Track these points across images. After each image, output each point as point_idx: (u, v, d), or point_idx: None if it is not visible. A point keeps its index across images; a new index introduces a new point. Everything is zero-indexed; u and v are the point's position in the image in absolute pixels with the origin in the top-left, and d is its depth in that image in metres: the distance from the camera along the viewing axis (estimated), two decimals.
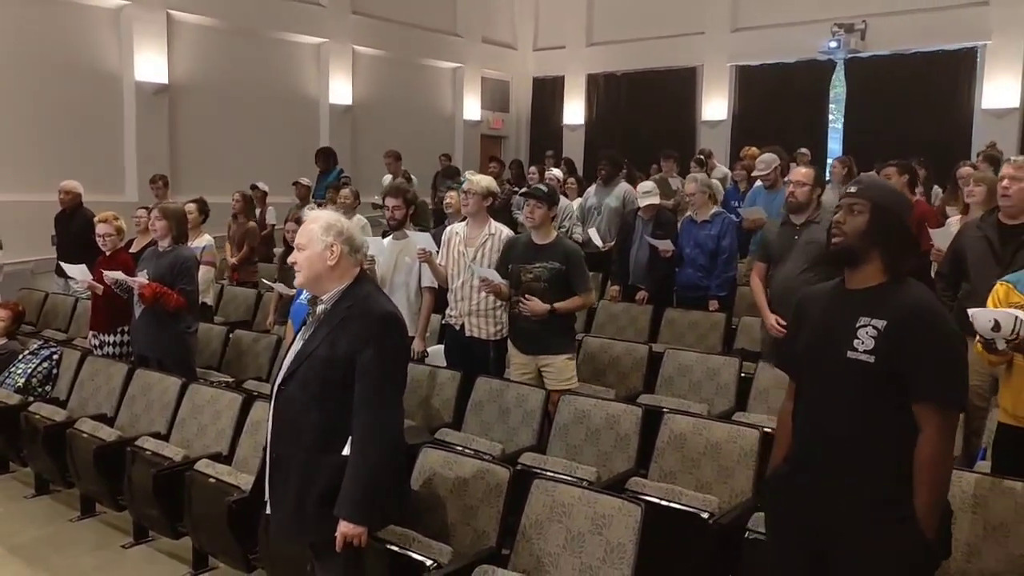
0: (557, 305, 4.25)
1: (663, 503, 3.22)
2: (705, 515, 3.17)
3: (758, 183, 7.51)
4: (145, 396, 4.59)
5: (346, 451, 2.58)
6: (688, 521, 3.17)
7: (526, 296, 4.26)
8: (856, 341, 2.23)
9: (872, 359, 2.20)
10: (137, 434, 4.25)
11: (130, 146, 10.20)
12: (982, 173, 4.78)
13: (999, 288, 3.23)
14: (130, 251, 5.81)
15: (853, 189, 2.35)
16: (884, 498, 2.21)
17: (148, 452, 3.99)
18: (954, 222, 5.16)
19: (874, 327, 2.22)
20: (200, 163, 10.72)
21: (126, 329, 5.30)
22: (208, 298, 6.48)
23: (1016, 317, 2.79)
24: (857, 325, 2.24)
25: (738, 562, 3.10)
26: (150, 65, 10.22)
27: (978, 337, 2.95)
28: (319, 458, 2.59)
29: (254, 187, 9.10)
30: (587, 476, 3.53)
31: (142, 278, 4.87)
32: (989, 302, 3.23)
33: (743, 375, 4.65)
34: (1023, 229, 3.75)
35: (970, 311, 2.95)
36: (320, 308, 2.68)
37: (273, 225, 9.17)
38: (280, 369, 2.75)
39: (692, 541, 3.17)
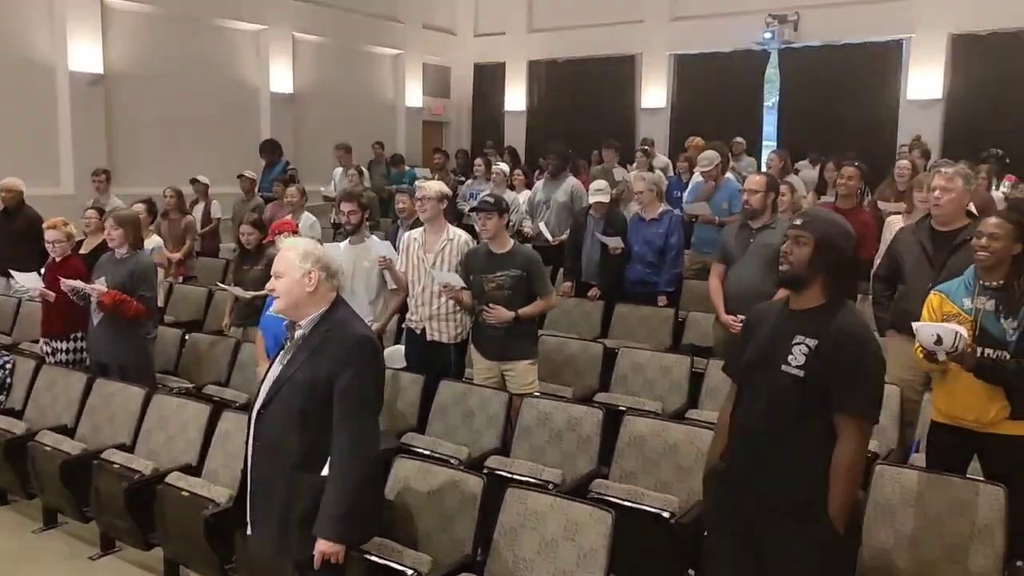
0: (521, 311, 4.40)
1: (628, 505, 3.39)
2: (667, 515, 3.35)
3: (699, 177, 7.77)
4: (107, 407, 4.58)
5: (326, 471, 2.69)
6: (651, 521, 3.35)
7: (490, 305, 4.38)
8: (790, 356, 2.52)
9: (802, 373, 2.49)
10: (101, 446, 4.25)
11: (65, 138, 9.92)
12: (932, 178, 5.06)
13: (933, 298, 3.48)
14: (80, 252, 5.75)
15: (799, 222, 2.62)
16: (804, 498, 2.50)
17: (116, 465, 4.00)
18: (895, 220, 5.44)
19: (807, 345, 2.51)
20: (138, 155, 10.49)
21: (80, 335, 5.25)
22: (159, 299, 6.42)
23: (957, 332, 3.04)
24: (793, 342, 2.53)
25: (699, 558, 3.31)
26: (85, 54, 9.93)
27: (919, 346, 3.20)
28: (301, 479, 2.69)
29: (195, 181, 8.98)
30: (553, 478, 3.70)
31: (100, 285, 4.85)
32: (924, 310, 3.49)
33: (694, 370, 4.87)
34: (954, 235, 4.02)
35: (915, 325, 3.20)
36: (299, 333, 2.76)
37: (219, 219, 9.07)
38: (259, 392, 2.83)
39: (655, 540, 3.36)
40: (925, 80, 11.79)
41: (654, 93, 14.20)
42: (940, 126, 11.66)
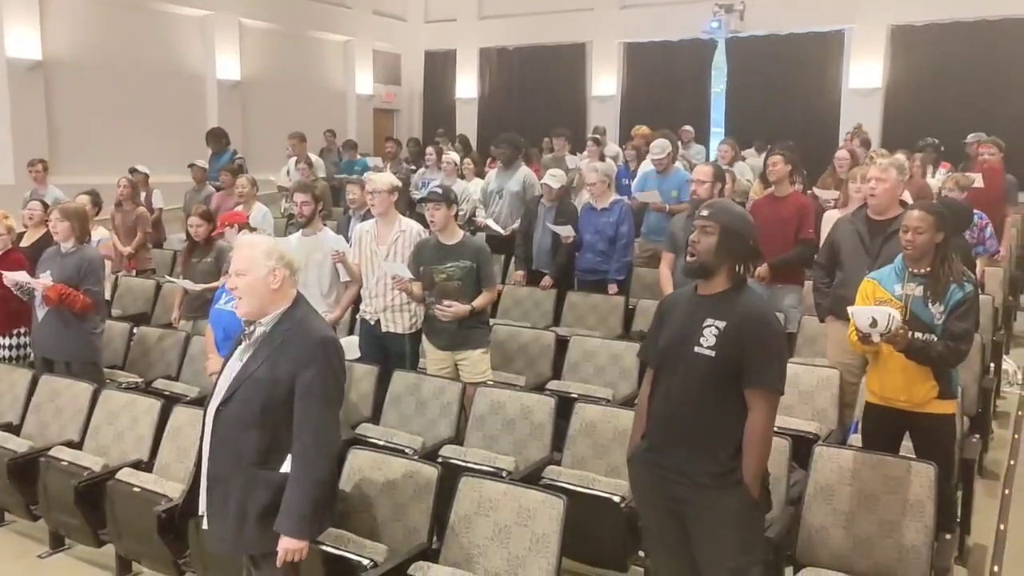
0: (475, 303, 4.46)
1: (579, 490, 3.47)
2: (617, 499, 3.44)
3: (650, 166, 7.88)
4: (53, 403, 4.51)
5: (285, 468, 2.71)
6: (602, 506, 3.44)
7: (445, 302, 4.42)
8: (702, 339, 2.70)
9: (713, 354, 2.67)
10: (49, 443, 4.19)
11: (3, 126, 9.68)
12: (864, 169, 5.21)
13: (866, 284, 3.63)
14: (21, 245, 5.63)
15: (705, 213, 2.80)
16: (724, 469, 2.68)
17: (64, 462, 3.96)
18: (832, 215, 5.61)
19: (716, 327, 2.69)
20: (81, 143, 10.27)
21: (23, 331, 5.16)
22: (106, 292, 6.32)
23: (890, 314, 3.19)
24: (703, 325, 2.71)
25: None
26: (22, 40, 9.67)
27: (854, 329, 3.34)
28: (259, 475, 2.70)
29: (133, 170, 8.77)
30: (506, 466, 3.77)
31: (46, 279, 4.77)
32: (859, 296, 3.63)
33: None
34: (889, 224, 4.17)
35: (850, 309, 3.34)
36: (260, 330, 2.77)
37: (161, 209, 8.91)
38: (215, 390, 2.84)
39: (606, 524, 3.45)
40: (866, 70, 12.12)
41: (605, 81, 14.32)
42: (880, 115, 12.01)
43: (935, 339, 3.36)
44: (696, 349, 2.68)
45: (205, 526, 2.83)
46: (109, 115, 10.59)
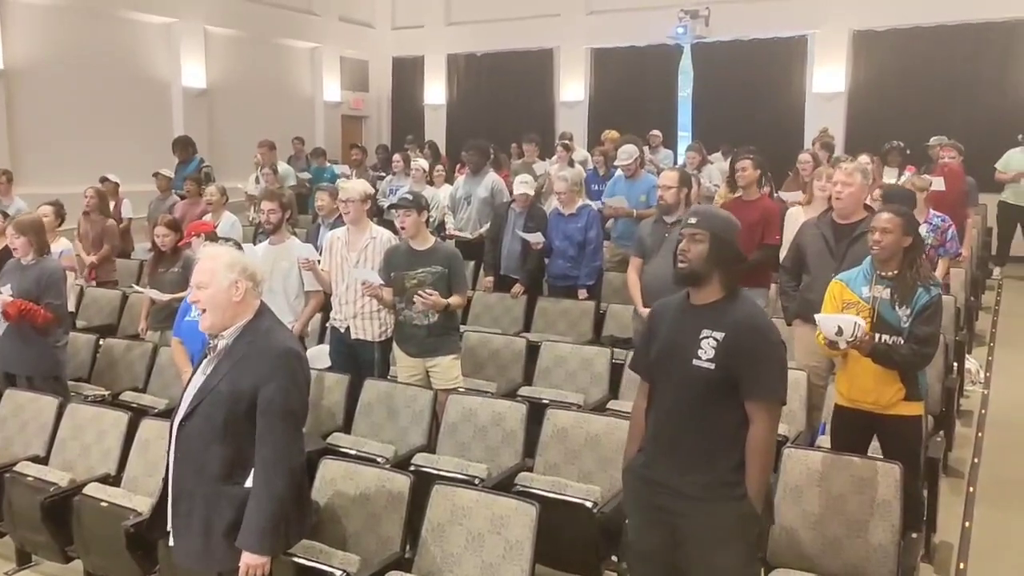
0: (449, 300, 4.46)
1: (551, 496, 3.48)
2: (589, 504, 3.46)
3: (619, 172, 7.92)
4: (17, 417, 4.43)
5: (249, 483, 2.68)
6: (574, 511, 3.45)
7: (427, 290, 4.41)
8: (700, 351, 2.64)
9: (712, 366, 2.62)
10: (13, 459, 4.11)
11: None
12: (830, 170, 5.30)
13: (834, 286, 3.69)
14: None
15: (693, 220, 2.75)
16: (722, 481, 2.63)
17: (29, 478, 3.89)
18: (796, 212, 5.70)
19: (714, 339, 2.64)
20: (44, 152, 10.09)
21: None
22: (70, 304, 6.22)
23: (855, 323, 3.25)
24: (700, 336, 2.65)
25: (619, 545, 3.43)
26: None
27: (823, 338, 3.39)
28: (223, 490, 2.68)
29: (104, 179, 8.68)
30: (478, 473, 3.77)
31: (5, 293, 4.69)
32: (826, 297, 3.69)
33: (615, 361, 5.00)
34: (854, 228, 4.25)
35: (817, 317, 3.40)
36: (221, 343, 2.74)
37: (130, 219, 8.81)
38: (180, 404, 2.81)
39: (578, 529, 3.46)
40: (829, 74, 12.29)
41: (572, 87, 14.38)
42: (844, 119, 12.18)
43: (901, 342, 3.41)
44: (695, 362, 2.63)
45: (171, 542, 2.80)
46: (73, 124, 10.44)
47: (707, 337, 2.64)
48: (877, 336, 3.43)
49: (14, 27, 9.93)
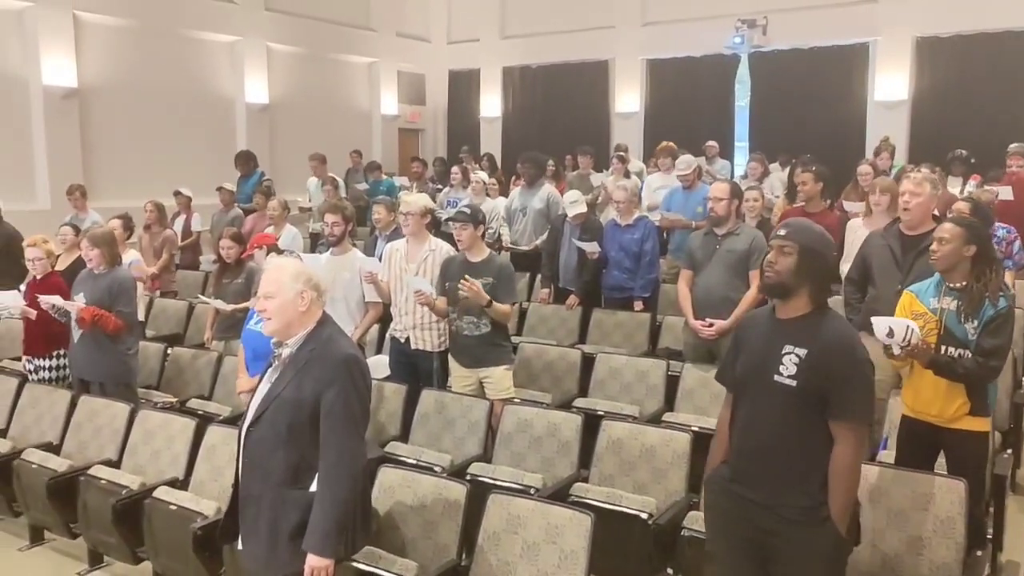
0: (494, 304, 4.49)
1: (606, 507, 3.50)
2: (645, 516, 3.47)
3: (663, 181, 7.92)
4: (92, 422, 4.62)
5: (314, 487, 2.75)
6: (629, 522, 3.47)
7: (466, 277, 4.45)
8: (781, 367, 2.58)
9: (794, 383, 2.56)
10: (88, 463, 4.29)
11: (40, 152, 9.91)
12: (888, 181, 5.21)
13: (904, 297, 3.63)
14: (58, 269, 5.77)
15: (783, 232, 2.69)
16: (806, 503, 2.57)
17: (103, 481, 4.05)
18: (856, 224, 5.61)
19: (796, 355, 2.57)
20: (115, 168, 10.50)
21: (62, 352, 5.28)
22: (139, 313, 6.45)
23: (908, 326, 3.19)
24: (783, 352, 2.59)
25: (675, 558, 3.43)
26: (58, 68, 9.92)
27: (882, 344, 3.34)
28: (289, 495, 2.76)
29: (177, 193, 8.99)
30: (534, 483, 3.80)
31: (79, 301, 4.89)
32: (897, 309, 3.62)
33: (670, 374, 4.99)
34: (922, 239, 4.14)
35: (872, 319, 3.34)
36: (286, 352, 2.83)
37: (199, 232, 9.09)
38: (247, 411, 2.90)
39: (633, 541, 3.47)
40: (891, 82, 12.05)
41: (627, 98, 14.37)
42: (907, 127, 11.92)
43: (968, 355, 3.34)
44: (776, 378, 2.58)
45: (240, 546, 2.89)
46: (142, 140, 10.83)
47: (789, 353, 2.58)
48: (942, 348, 3.37)
49: (88, 48, 10.35)
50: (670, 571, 3.58)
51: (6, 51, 9.64)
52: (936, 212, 4.44)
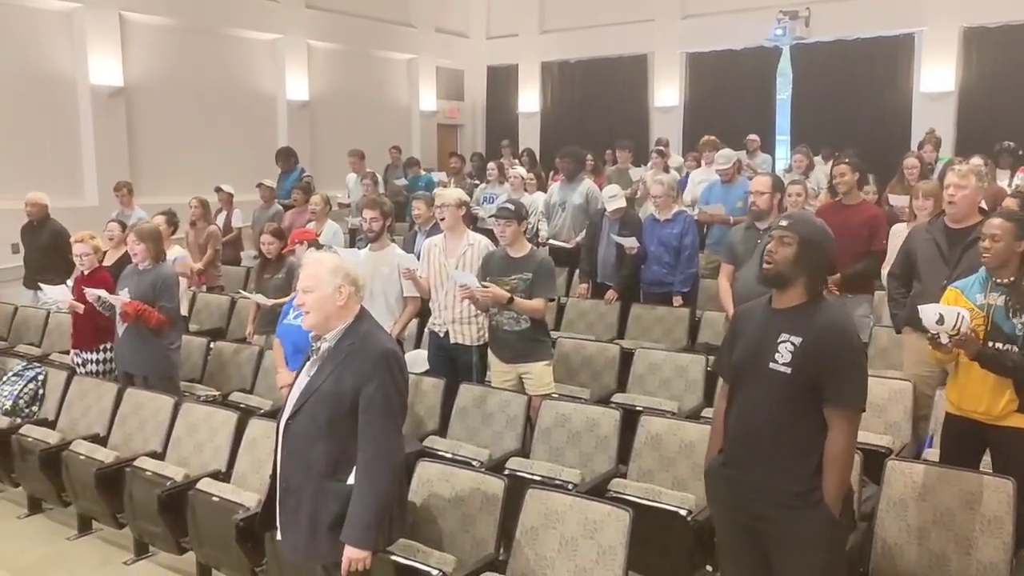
0: (516, 299, 4.45)
1: (645, 502, 3.48)
2: (683, 512, 3.44)
3: (705, 174, 7.83)
4: (137, 415, 4.72)
5: (352, 479, 2.78)
6: (668, 519, 3.44)
7: (486, 284, 4.45)
8: (777, 355, 2.63)
9: (789, 371, 2.60)
10: (134, 454, 4.38)
11: (88, 150, 10.12)
12: (930, 186, 5.10)
13: (949, 293, 3.55)
14: (106, 264, 5.89)
15: (784, 223, 2.75)
16: (800, 487, 2.61)
17: (148, 472, 4.13)
18: (900, 228, 5.49)
19: (792, 343, 2.62)
20: (159, 165, 10.69)
21: (108, 346, 5.39)
22: (183, 308, 6.56)
23: (959, 313, 3.12)
24: (778, 340, 2.64)
25: (715, 555, 3.39)
26: (105, 67, 10.13)
27: (928, 334, 3.27)
28: (328, 486, 2.78)
29: (219, 189, 9.13)
30: (572, 479, 3.79)
31: (124, 296, 4.99)
32: (941, 304, 3.54)
33: (710, 369, 4.93)
34: (968, 232, 4.06)
35: (920, 307, 3.27)
36: (325, 345, 2.86)
37: (240, 228, 9.22)
38: (286, 404, 2.94)
39: (672, 537, 3.44)
40: (937, 73, 11.79)
41: (667, 92, 14.26)
42: (953, 119, 11.66)
43: (1015, 350, 3.26)
44: (771, 365, 2.63)
45: (279, 536, 2.93)
46: (186, 137, 11.01)
47: (785, 341, 2.62)
48: (989, 343, 3.29)
49: (133, 48, 10.55)
50: (709, 568, 3.55)
51: (56, 52, 9.86)
52: (984, 205, 4.34)
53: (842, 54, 12.50)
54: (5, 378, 5.33)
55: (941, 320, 3.13)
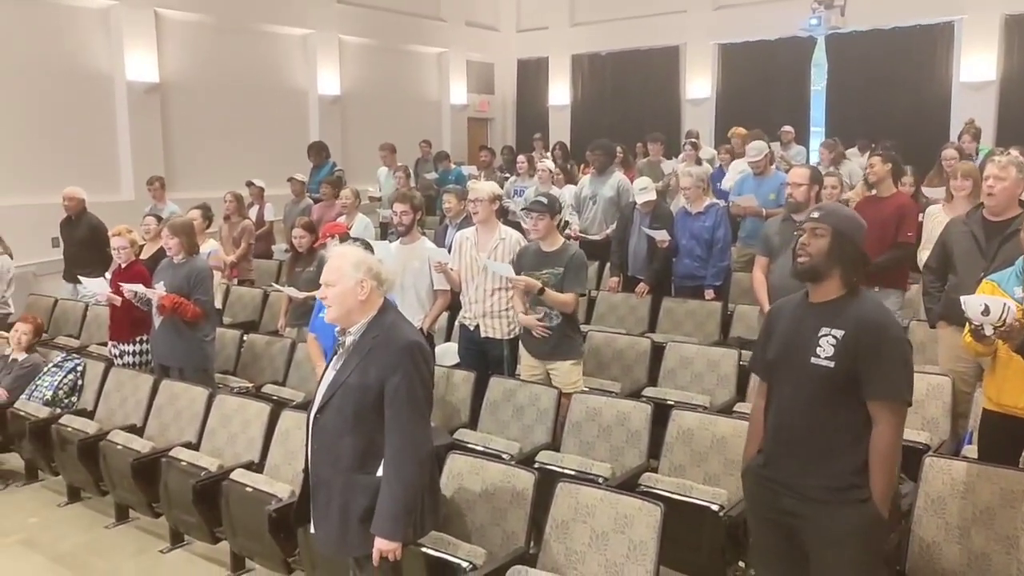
0: (548, 290, 4.44)
1: (676, 497, 3.45)
2: (715, 507, 3.41)
3: (742, 166, 7.74)
4: (172, 406, 4.78)
5: (381, 472, 2.79)
6: (700, 514, 3.41)
7: (523, 275, 4.45)
8: (818, 348, 2.57)
9: (832, 364, 2.54)
10: (169, 445, 4.45)
11: (124, 145, 10.25)
12: (969, 166, 5.01)
13: (985, 285, 3.47)
14: (141, 257, 5.98)
15: (816, 215, 2.70)
16: (845, 484, 2.54)
17: (183, 462, 4.19)
18: (936, 210, 5.40)
19: (834, 336, 2.56)
20: (193, 159, 10.79)
21: (144, 338, 5.48)
22: (217, 301, 6.64)
23: (1005, 304, 3.03)
24: (819, 334, 2.58)
25: (747, 551, 3.36)
26: (141, 64, 10.23)
27: (968, 326, 3.20)
28: (357, 479, 2.80)
29: (250, 184, 9.21)
30: (602, 472, 3.77)
31: (159, 289, 5.06)
32: None
33: (742, 363, 4.89)
34: (1006, 225, 3.98)
35: (963, 298, 3.19)
36: (349, 339, 2.86)
37: (271, 222, 9.30)
38: (314, 398, 2.95)
39: (704, 533, 3.41)
40: (978, 62, 11.53)
41: (699, 83, 14.12)
42: (994, 109, 11.40)
43: None
44: (812, 360, 2.56)
45: (313, 529, 2.95)
46: (219, 132, 11.11)
47: (826, 335, 2.56)
48: None
49: (168, 44, 10.65)
50: (742, 565, 3.52)
51: (93, 48, 9.98)
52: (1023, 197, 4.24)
53: (879, 44, 12.28)
54: (45, 369, 5.43)
55: (987, 311, 3.04)
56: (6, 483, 5.35)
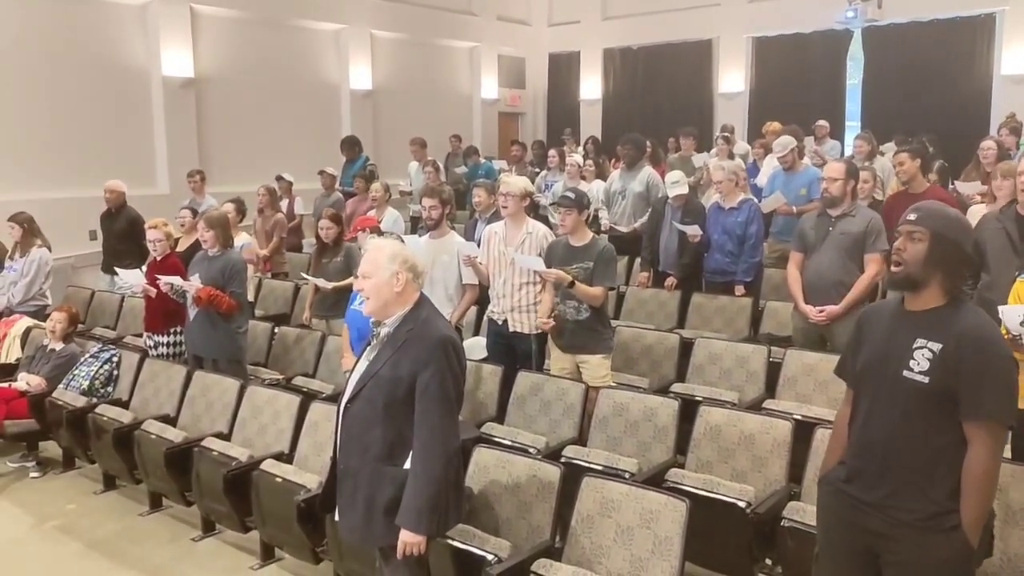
0: (578, 283, 4.44)
1: (703, 493, 3.43)
2: (742, 504, 3.38)
3: (774, 162, 7.65)
4: (205, 397, 4.86)
5: (408, 464, 2.81)
6: (727, 511, 3.39)
7: (554, 269, 4.45)
8: (912, 362, 2.36)
9: (927, 380, 2.33)
10: (201, 435, 4.52)
11: (160, 140, 10.40)
12: (1010, 165, 4.91)
13: (1019, 285, 3.42)
14: (177, 250, 6.07)
15: (913, 217, 2.43)
16: (934, 509, 2.34)
17: (215, 452, 4.25)
18: (977, 210, 5.29)
19: (930, 350, 2.34)
20: (227, 154, 10.92)
21: (179, 330, 5.56)
22: (249, 294, 6.71)
23: None
24: (914, 346, 2.37)
25: (774, 549, 3.34)
26: (176, 59, 10.38)
27: (1008, 335, 3.14)
28: (384, 470, 2.82)
29: (280, 178, 9.30)
30: (629, 468, 3.76)
31: (196, 281, 5.14)
32: (1011, 298, 3.41)
33: (772, 360, 4.85)
34: None
35: (1000, 308, 3.14)
36: (384, 331, 2.89)
37: (301, 215, 9.39)
38: (345, 388, 2.98)
39: (731, 529, 3.39)
40: (1020, 55, 11.27)
41: (732, 77, 13.98)
42: None
43: None
44: (905, 373, 2.35)
45: (338, 518, 2.98)
46: (253, 127, 11.23)
47: (922, 347, 2.35)
48: None
49: (203, 39, 10.79)
50: (769, 562, 3.49)
51: (130, 44, 10.14)
52: None
53: (917, 36, 12.07)
54: (82, 359, 5.54)
55: None
56: (45, 470, 5.47)
